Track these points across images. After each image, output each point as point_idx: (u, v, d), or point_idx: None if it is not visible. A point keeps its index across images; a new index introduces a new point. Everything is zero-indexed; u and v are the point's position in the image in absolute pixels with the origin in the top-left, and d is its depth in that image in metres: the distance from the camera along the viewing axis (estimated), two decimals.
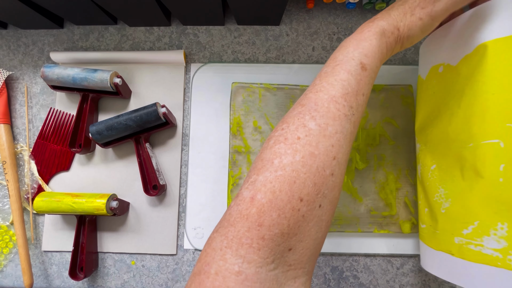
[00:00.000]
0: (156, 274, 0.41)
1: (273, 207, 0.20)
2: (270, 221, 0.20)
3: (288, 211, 0.20)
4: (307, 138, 0.22)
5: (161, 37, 0.45)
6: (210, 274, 0.19)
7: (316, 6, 0.45)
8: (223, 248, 0.20)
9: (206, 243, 0.21)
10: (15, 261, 0.42)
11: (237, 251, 0.19)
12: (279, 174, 0.20)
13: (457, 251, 0.29)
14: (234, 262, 0.19)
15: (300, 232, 0.21)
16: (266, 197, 0.20)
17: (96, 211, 0.37)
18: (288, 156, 0.21)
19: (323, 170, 0.21)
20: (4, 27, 0.46)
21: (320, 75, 0.25)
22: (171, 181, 0.42)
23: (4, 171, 0.41)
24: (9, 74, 0.44)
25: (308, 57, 0.44)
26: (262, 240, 0.19)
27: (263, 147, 0.23)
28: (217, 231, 0.21)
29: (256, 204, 0.20)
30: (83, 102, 0.42)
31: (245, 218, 0.20)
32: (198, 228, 0.41)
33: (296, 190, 0.20)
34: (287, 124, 0.23)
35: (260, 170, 0.21)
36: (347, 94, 0.24)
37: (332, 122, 0.23)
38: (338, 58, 0.25)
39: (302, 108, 0.23)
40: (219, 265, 0.19)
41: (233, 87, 0.42)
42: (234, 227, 0.20)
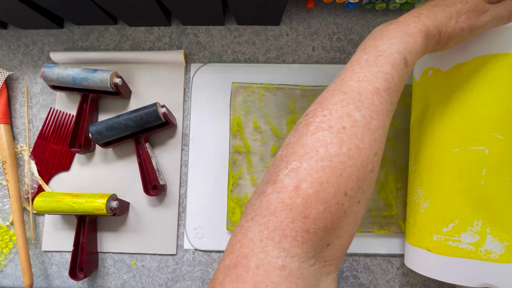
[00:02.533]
0: (156, 274, 0.41)
1: (320, 199, 0.19)
2: (316, 214, 0.19)
3: (333, 205, 0.19)
4: (352, 129, 0.20)
5: (161, 37, 0.45)
6: (249, 267, 0.17)
7: (316, 6, 0.45)
8: (263, 239, 0.18)
9: (239, 232, 0.19)
10: (15, 261, 0.42)
11: (280, 243, 0.18)
12: (326, 165, 0.19)
13: (434, 247, 0.31)
14: (277, 256, 0.18)
15: (339, 228, 0.20)
16: (313, 187, 0.19)
17: (96, 211, 0.37)
18: (334, 146, 0.20)
19: (366, 165, 0.20)
20: (4, 27, 0.46)
21: (359, 62, 0.24)
22: (171, 181, 0.42)
23: (4, 171, 0.41)
24: (9, 74, 0.44)
25: (308, 57, 0.44)
26: (306, 233, 0.18)
27: (299, 133, 0.21)
28: (252, 219, 0.19)
29: (301, 194, 0.19)
30: (83, 102, 0.42)
31: (289, 208, 0.18)
32: (198, 228, 0.41)
33: (342, 184, 0.19)
34: (329, 111, 0.21)
35: (302, 157, 0.20)
36: (390, 88, 0.23)
37: (376, 116, 0.21)
38: (380, 48, 0.24)
39: (344, 96, 0.22)
40: (260, 258, 0.18)
41: (233, 87, 0.42)
42: (275, 217, 0.18)
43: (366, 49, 0.24)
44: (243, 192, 0.41)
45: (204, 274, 0.41)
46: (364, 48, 0.25)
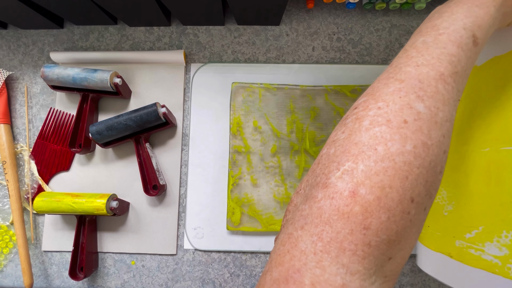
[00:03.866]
0: (156, 274, 0.41)
1: (382, 207, 0.16)
2: (378, 224, 0.16)
3: (398, 214, 0.16)
4: (416, 123, 0.17)
5: (161, 37, 0.45)
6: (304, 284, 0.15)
7: (316, 6, 0.45)
8: (317, 253, 0.16)
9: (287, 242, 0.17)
10: (15, 261, 0.42)
11: (337, 258, 0.16)
12: (387, 166, 0.16)
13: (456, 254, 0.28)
14: (336, 273, 0.15)
15: (403, 239, 0.17)
16: (373, 193, 0.16)
17: (96, 211, 0.37)
18: (396, 144, 0.17)
19: (435, 166, 0.17)
20: (4, 27, 0.46)
21: (414, 45, 0.20)
22: (171, 181, 0.42)
23: (4, 171, 0.41)
24: (9, 74, 0.44)
25: (308, 57, 0.44)
26: (368, 247, 0.16)
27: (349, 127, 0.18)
28: (302, 228, 0.17)
29: (359, 200, 0.16)
30: (83, 102, 0.42)
31: (345, 218, 0.16)
32: (198, 228, 0.41)
33: (408, 188, 0.16)
34: (385, 103, 0.18)
35: (357, 157, 0.17)
36: (457, 73, 0.19)
37: (442, 107, 0.18)
38: (441, 26, 0.20)
39: (402, 84, 0.18)
40: (315, 274, 0.15)
41: (233, 87, 0.42)
42: (330, 227, 0.16)
43: (422, 32, 0.21)
44: (243, 192, 0.41)
45: (204, 274, 0.41)
46: (420, 31, 0.21)
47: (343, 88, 0.42)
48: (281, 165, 0.41)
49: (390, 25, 0.44)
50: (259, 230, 0.40)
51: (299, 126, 0.41)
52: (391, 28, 0.44)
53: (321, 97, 0.42)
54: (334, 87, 0.42)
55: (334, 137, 0.19)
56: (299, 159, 0.41)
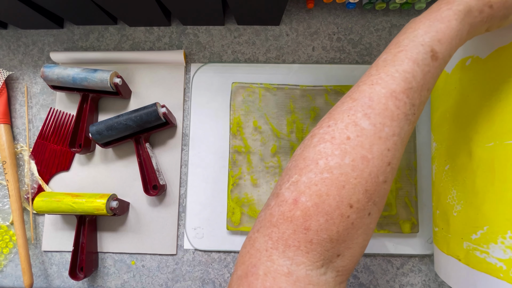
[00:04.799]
0: (156, 274, 0.41)
1: (320, 211, 0.19)
2: (317, 226, 0.19)
3: (336, 217, 0.19)
4: (358, 138, 0.19)
5: (161, 37, 0.45)
6: (258, 275, 0.18)
7: (316, 6, 0.45)
8: (268, 249, 0.19)
9: (248, 244, 0.20)
10: (15, 261, 0.42)
11: (284, 252, 0.19)
12: (325, 177, 0.19)
13: (464, 256, 0.27)
14: (282, 264, 0.18)
15: (349, 239, 0.19)
16: (311, 200, 0.19)
17: (96, 211, 0.37)
18: (336, 158, 0.19)
19: (376, 177, 0.19)
20: (4, 27, 0.46)
21: (377, 63, 0.22)
22: (171, 181, 0.42)
23: (4, 171, 0.41)
24: (9, 74, 0.44)
25: (308, 57, 0.44)
26: (310, 243, 0.19)
27: (304, 145, 0.21)
28: (258, 231, 0.20)
29: (300, 206, 0.19)
30: (83, 102, 0.42)
31: (289, 221, 0.19)
32: (198, 228, 0.41)
33: (345, 196, 0.19)
34: (335, 121, 0.20)
35: (302, 170, 0.20)
36: (410, 89, 0.20)
37: (389, 123, 0.20)
38: (402, 43, 0.21)
39: (354, 103, 0.20)
40: (266, 266, 0.18)
41: (233, 87, 0.42)
42: (277, 228, 0.19)
43: (387, 48, 0.22)
44: (243, 192, 0.41)
45: (204, 274, 0.41)
46: (386, 48, 0.22)
47: (343, 88, 0.42)
48: (281, 165, 0.41)
49: (390, 25, 0.44)
50: None
51: (299, 126, 0.41)
52: (391, 28, 0.44)
53: (321, 97, 0.42)
54: (334, 87, 0.42)
55: (294, 153, 0.22)
56: None
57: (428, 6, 0.43)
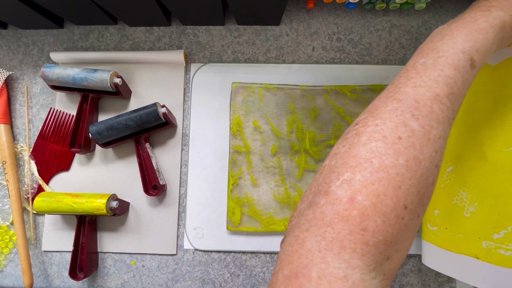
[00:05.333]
0: (156, 274, 0.41)
1: (377, 211, 0.18)
2: (374, 227, 0.18)
3: (392, 218, 0.18)
4: (410, 139, 0.19)
5: (161, 37, 0.45)
6: (311, 277, 0.17)
7: (316, 6, 0.45)
8: (321, 250, 0.18)
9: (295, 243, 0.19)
10: (15, 261, 0.42)
11: (339, 254, 0.18)
12: (382, 176, 0.18)
13: (484, 255, 0.29)
14: (338, 266, 0.17)
15: (399, 242, 0.19)
16: (369, 199, 0.18)
17: (96, 211, 0.37)
18: (390, 157, 0.19)
19: (427, 178, 0.19)
20: (4, 27, 0.46)
21: (415, 67, 0.22)
22: (171, 181, 0.42)
23: (4, 171, 0.41)
24: (9, 74, 0.44)
25: (308, 57, 0.44)
26: (366, 245, 0.18)
27: (348, 142, 0.21)
28: (307, 230, 0.19)
29: (357, 206, 0.18)
30: (83, 102, 0.42)
31: (344, 220, 0.18)
32: (198, 228, 0.41)
33: (401, 196, 0.18)
34: (382, 120, 0.20)
35: (355, 168, 0.19)
36: (452, 94, 0.20)
37: (436, 125, 0.20)
38: (441, 49, 0.22)
39: (399, 103, 0.20)
40: (320, 268, 0.17)
41: (233, 87, 0.42)
42: (332, 228, 0.18)
43: (423, 52, 0.22)
44: (243, 192, 0.41)
45: (204, 274, 0.41)
46: (421, 52, 0.23)
47: (343, 88, 0.42)
48: (281, 165, 0.41)
49: (390, 25, 0.44)
50: (259, 230, 0.40)
51: (299, 126, 0.41)
52: (391, 28, 0.44)
53: (321, 97, 0.42)
54: (334, 87, 0.42)
55: (335, 150, 0.21)
56: (299, 159, 0.41)
57: (428, 6, 0.44)
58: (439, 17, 0.44)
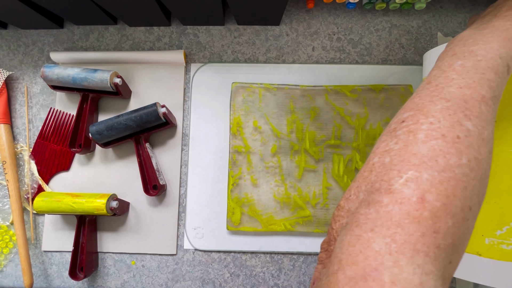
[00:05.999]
0: (156, 274, 0.41)
1: (448, 213, 0.17)
2: (445, 229, 0.17)
3: (460, 220, 0.18)
4: (467, 139, 0.19)
5: (161, 37, 0.45)
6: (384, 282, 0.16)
7: (316, 6, 0.45)
8: (393, 253, 0.16)
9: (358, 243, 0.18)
10: (15, 261, 0.42)
11: (412, 258, 0.16)
12: (449, 176, 0.18)
13: (486, 251, 0.30)
14: (413, 272, 0.16)
15: (462, 245, 0.18)
16: (439, 200, 0.17)
17: (96, 211, 0.37)
18: (453, 157, 0.18)
19: (485, 179, 0.19)
20: (4, 27, 0.46)
21: (453, 68, 0.22)
22: (171, 181, 0.42)
23: (4, 171, 0.41)
24: (9, 74, 0.44)
25: (308, 57, 0.44)
26: (438, 249, 0.17)
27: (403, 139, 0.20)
28: (372, 230, 0.18)
29: (428, 206, 0.17)
30: (83, 102, 0.42)
31: (416, 221, 0.17)
32: (198, 228, 0.41)
33: (467, 197, 0.18)
34: (436, 119, 0.19)
35: (419, 167, 0.18)
36: (495, 97, 0.21)
37: (486, 126, 0.20)
38: (479, 52, 0.22)
39: (448, 103, 0.20)
40: (393, 273, 0.16)
41: (233, 87, 0.42)
42: (402, 230, 0.17)
43: (458, 55, 0.22)
44: (243, 192, 0.41)
45: (204, 274, 0.41)
46: (455, 54, 0.23)
47: (343, 88, 0.42)
48: (281, 165, 0.41)
49: (390, 25, 0.44)
50: (259, 230, 0.40)
51: (299, 126, 0.41)
52: (391, 28, 0.44)
53: (321, 97, 0.42)
54: (334, 87, 0.42)
55: (385, 148, 0.20)
56: (299, 159, 0.41)
57: (428, 6, 0.44)
58: (439, 17, 0.44)
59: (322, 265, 0.20)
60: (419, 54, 0.44)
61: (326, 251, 0.21)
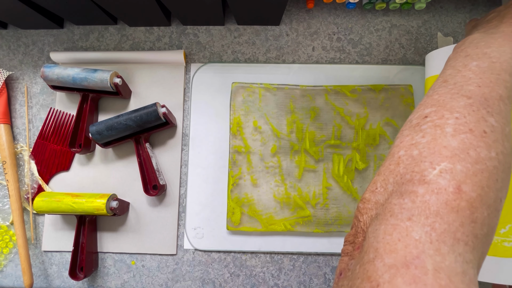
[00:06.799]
0: (156, 274, 0.41)
1: (484, 203, 0.18)
2: (482, 219, 0.18)
3: (493, 211, 0.18)
4: (493, 134, 0.19)
5: (161, 37, 0.45)
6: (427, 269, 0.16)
7: (316, 6, 0.45)
8: (434, 242, 0.16)
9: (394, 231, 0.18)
10: (15, 261, 0.42)
11: (452, 246, 0.17)
12: (482, 168, 0.18)
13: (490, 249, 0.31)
14: (455, 260, 0.16)
15: (492, 235, 0.19)
16: (474, 191, 0.18)
17: (96, 211, 0.37)
18: (484, 150, 0.19)
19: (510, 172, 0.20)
20: (4, 27, 0.46)
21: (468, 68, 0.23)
22: (171, 181, 0.42)
23: (4, 171, 0.41)
24: (9, 74, 0.44)
25: (308, 57, 0.44)
26: (476, 238, 0.17)
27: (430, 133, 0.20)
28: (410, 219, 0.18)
29: (465, 197, 0.18)
30: (83, 102, 0.42)
31: (455, 211, 0.17)
32: (198, 228, 0.41)
33: (499, 189, 0.19)
34: (461, 114, 0.20)
35: (452, 159, 0.18)
36: (510, 97, 0.21)
37: (507, 123, 0.20)
38: (492, 55, 0.23)
39: (470, 100, 0.21)
40: (436, 261, 0.16)
41: (233, 87, 0.42)
42: (441, 219, 0.17)
43: (472, 56, 0.23)
44: (243, 192, 0.41)
45: (204, 274, 0.41)
46: (469, 55, 0.23)
47: (343, 88, 0.42)
48: (281, 165, 0.41)
49: (390, 25, 0.44)
50: (259, 230, 0.40)
51: (299, 126, 0.41)
52: (391, 28, 0.44)
53: (321, 97, 0.42)
54: (334, 87, 0.42)
55: (411, 141, 0.21)
56: (299, 159, 0.41)
57: (428, 6, 0.44)
58: (439, 17, 0.44)
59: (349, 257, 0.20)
60: (419, 54, 0.44)
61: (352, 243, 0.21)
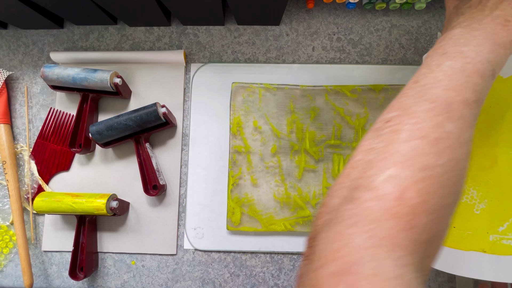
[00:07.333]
0: (156, 274, 0.41)
1: (427, 210, 0.18)
2: (423, 225, 0.18)
3: (438, 217, 0.19)
4: (447, 140, 0.20)
5: (161, 37, 0.45)
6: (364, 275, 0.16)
7: (316, 6, 0.45)
8: (373, 247, 0.17)
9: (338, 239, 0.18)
10: (15, 261, 0.42)
11: (391, 252, 0.17)
12: (429, 175, 0.19)
13: (490, 248, 0.31)
14: (391, 264, 0.17)
15: (439, 240, 0.19)
16: (418, 197, 0.18)
17: (96, 211, 0.37)
18: (433, 156, 0.19)
19: (462, 179, 0.20)
20: (4, 27, 0.46)
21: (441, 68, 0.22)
22: (171, 181, 0.42)
23: (4, 171, 0.41)
24: (9, 74, 0.44)
25: (308, 57, 0.44)
26: (415, 244, 0.18)
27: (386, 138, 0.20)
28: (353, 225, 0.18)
29: (407, 203, 0.18)
30: (83, 102, 0.42)
31: (396, 217, 0.17)
32: (198, 228, 0.41)
33: (445, 196, 0.19)
34: (419, 120, 0.20)
35: (400, 165, 0.19)
36: (478, 101, 0.21)
37: (466, 128, 0.20)
38: (468, 55, 0.22)
39: (432, 105, 0.21)
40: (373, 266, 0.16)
41: (233, 87, 0.42)
42: (382, 225, 0.17)
43: (448, 54, 0.23)
44: (243, 192, 0.41)
45: (204, 274, 0.41)
46: (445, 53, 0.23)
47: (343, 88, 0.42)
48: (281, 165, 0.41)
49: (390, 25, 0.44)
50: (259, 230, 0.40)
51: (299, 126, 0.41)
52: (391, 28, 0.44)
53: (321, 97, 0.42)
54: (334, 87, 0.42)
55: (369, 146, 0.21)
56: (299, 159, 0.41)
57: (428, 6, 0.44)
58: (439, 17, 0.44)
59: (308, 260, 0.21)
60: (419, 54, 0.44)
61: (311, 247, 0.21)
